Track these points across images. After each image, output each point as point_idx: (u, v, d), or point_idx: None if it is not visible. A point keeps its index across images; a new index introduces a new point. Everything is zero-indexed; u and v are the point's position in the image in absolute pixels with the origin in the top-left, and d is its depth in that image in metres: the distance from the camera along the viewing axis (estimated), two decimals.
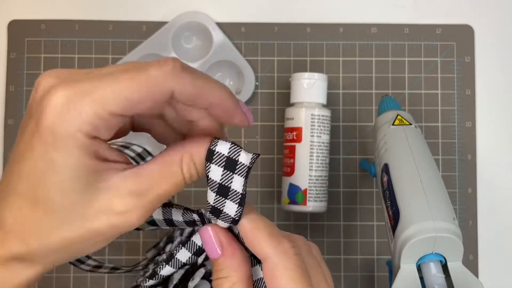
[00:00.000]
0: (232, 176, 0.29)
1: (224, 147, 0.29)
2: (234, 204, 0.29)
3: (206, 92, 0.28)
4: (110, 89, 0.26)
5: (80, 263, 0.50)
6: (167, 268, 0.32)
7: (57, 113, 0.26)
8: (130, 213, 0.27)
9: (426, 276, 0.36)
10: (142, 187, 0.28)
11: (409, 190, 0.39)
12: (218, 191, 0.29)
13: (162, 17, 0.57)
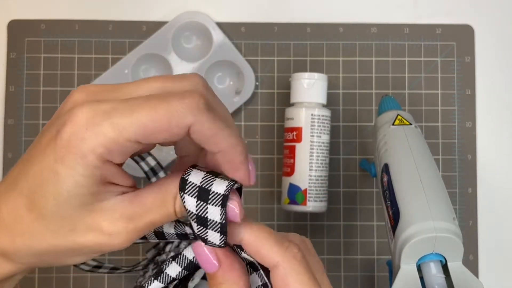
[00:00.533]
0: (206, 207, 0.28)
1: (197, 177, 0.28)
2: (216, 233, 0.29)
3: (221, 138, 0.28)
4: (130, 116, 0.26)
5: (80, 263, 0.50)
6: (155, 284, 0.32)
7: (76, 130, 0.26)
8: (117, 236, 0.28)
9: (426, 276, 0.36)
10: (134, 213, 0.28)
11: (409, 190, 0.39)
12: (197, 221, 0.29)
13: (162, 17, 0.57)
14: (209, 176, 0.28)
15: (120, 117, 0.26)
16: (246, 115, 0.56)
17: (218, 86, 0.57)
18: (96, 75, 0.56)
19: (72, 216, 0.28)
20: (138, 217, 0.28)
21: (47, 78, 0.56)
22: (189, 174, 0.29)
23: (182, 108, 0.26)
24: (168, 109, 0.26)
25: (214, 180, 0.28)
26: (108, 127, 0.26)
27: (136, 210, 0.28)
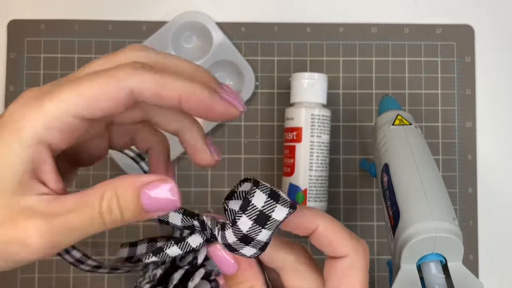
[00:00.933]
0: (260, 230, 0.28)
1: (260, 200, 0.28)
2: (253, 249, 0.29)
3: (170, 85, 0.27)
4: (69, 88, 0.26)
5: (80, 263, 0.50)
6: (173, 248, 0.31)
7: (18, 107, 0.26)
8: (32, 234, 0.25)
9: (426, 276, 0.36)
10: (53, 211, 0.26)
11: (409, 190, 0.39)
12: (241, 239, 0.29)
13: (162, 17, 0.57)
14: (270, 202, 0.28)
15: (59, 91, 0.26)
16: (246, 115, 0.56)
17: None
18: None
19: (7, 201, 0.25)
20: (55, 217, 0.25)
21: (47, 78, 0.56)
22: (253, 196, 0.28)
23: (118, 70, 0.26)
24: (104, 75, 0.26)
25: (275, 207, 0.28)
26: (48, 102, 0.25)
27: (54, 209, 0.26)
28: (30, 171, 0.26)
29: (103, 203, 0.26)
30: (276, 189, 0.29)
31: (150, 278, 0.44)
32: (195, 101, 0.27)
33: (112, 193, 0.26)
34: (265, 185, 0.29)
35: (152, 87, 0.26)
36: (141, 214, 0.26)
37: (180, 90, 0.27)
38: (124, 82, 0.26)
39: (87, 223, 0.26)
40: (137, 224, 0.55)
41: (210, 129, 0.55)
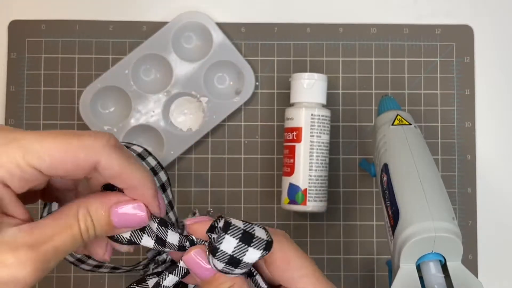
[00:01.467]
0: (233, 269, 0.29)
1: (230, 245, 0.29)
2: (241, 270, 0.30)
3: (130, 174, 0.28)
4: (40, 142, 0.26)
5: (81, 263, 0.50)
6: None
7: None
8: (23, 267, 0.26)
9: (426, 275, 0.36)
10: (37, 239, 0.26)
11: (408, 190, 0.39)
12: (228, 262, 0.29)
13: (162, 17, 0.57)
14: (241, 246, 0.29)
15: (29, 142, 0.26)
16: (246, 115, 0.57)
17: (218, 86, 0.57)
18: (97, 75, 0.56)
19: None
20: (42, 243, 0.26)
21: (47, 78, 0.56)
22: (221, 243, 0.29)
23: (92, 143, 0.27)
24: (78, 142, 0.27)
25: (246, 251, 0.29)
26: (14, 149, 0.26)
27: (37, 237, 0.27)
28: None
29: (81, 223, 0.28)
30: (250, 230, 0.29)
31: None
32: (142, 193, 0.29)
33: (86, 212, 0.28)
34: (235, 228, 0.29)
35: (115, 169, 0.28)
36: (112, 230, 0.29)
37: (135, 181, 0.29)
38: (95, 155, 0.27)
39: (71, 241, 0.27)
40: None
41: (210, 128, 0.55)
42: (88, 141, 0.27)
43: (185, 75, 0.55)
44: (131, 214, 0.29)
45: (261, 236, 0.29)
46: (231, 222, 0.29)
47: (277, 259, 0.31)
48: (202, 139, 0.56)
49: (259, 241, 0.29)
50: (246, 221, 0.30)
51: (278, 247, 0.31)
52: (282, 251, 0.31)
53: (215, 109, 0.55)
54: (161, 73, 0.56)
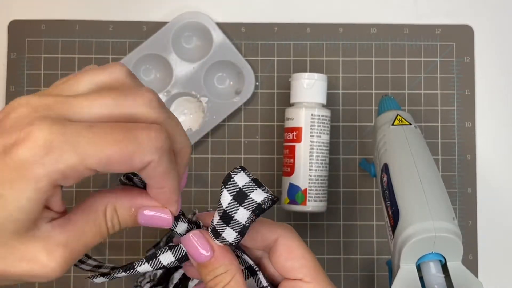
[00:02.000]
0: (238, 208, 0.30)
1: (242, 180, 0.30)
2: (234, 232, 0.30)
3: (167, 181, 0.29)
4: (95, 146, 0.25)
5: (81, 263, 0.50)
6: (145, 266, 0.32)
7: (34, 153, 0.24)
8: (54, 266, 0.27)
9: (426, 275, 0.36)
10: (68, 239, 0.28)
11: (408, 190, 0.39)
12: (222, 216, 0.30)
13: (162, 17, 0.57)
14: (252, 184, 0.30)
15: (84, 146, 0.25)
16: (246, 115, 0.57)
17: (218, 86, 0.57)
18: None
19: (6, 244, 0.26)
20: (73, 243, 0.28)
21: (47, 78, 0.56)
22: (236, 174, 0.30)
23: (148, 145, 0.26)
24: (135, 144, 0.26)
25: (255, 189, 0.30)
26: (71, 154, 0.25)
27: (70, 236, 0.28)
28: (41, 208, 0.26)
29: (108, 222, 0.29)
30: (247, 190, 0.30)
31: (150, 278, 0.44)
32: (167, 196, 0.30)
33: (113, 209, 0.29)
34: (250, 173, 0.31)
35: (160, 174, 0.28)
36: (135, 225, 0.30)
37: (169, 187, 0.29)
38: (149, 157, 0.27)
39: (99, 239, 0.29)
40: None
41: (210, 128, 0.55)
42: (144, 141, 0.26)
43: (185, 75, 0.55)
44: (157, 217, 0.30)
45: (255, 198, 0.30)
46: (232, 177, 0.30)
47: (281, 247, 0.32)
48: (202, 139, 0.56)
49: (251, 203, 0.29)
50: (253, 179, 0.30)
51: (283, 236, 0.32)
52: (287, 239, 0.32)
53: (215, 109, 0.55)
54: (161, 73, 0.56)
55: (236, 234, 0.30)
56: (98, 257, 0.53)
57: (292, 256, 0.32)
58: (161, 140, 0.27)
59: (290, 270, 0.32)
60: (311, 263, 0.32)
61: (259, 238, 0.32)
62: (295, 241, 0.33)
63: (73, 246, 0.28)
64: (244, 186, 0.30)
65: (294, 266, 0.32)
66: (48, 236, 0.27)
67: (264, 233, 0.32)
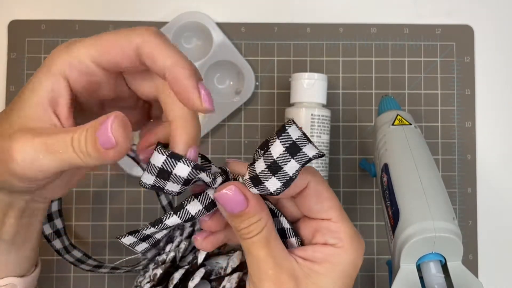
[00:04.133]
0: (289, 160, 0.29)
1: (295, 133, 0.30)
2: (278, 182, 0.30)
3: (165, 52, 0.30)
4: (90, 40, 0.32)
5: (81, 263, 0.50)
6: (173, 218, 0.32)
7: (55, 51, 0.32)
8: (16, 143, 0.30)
9: (426, 276, 0.36)
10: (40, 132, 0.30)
11: (409, 190, 0.39)
12: (270, 166, 0.30)
13: (162, 17, 0.57)
14: (304, 138, 0.30)
15: (83, 41, 0.32)
16: (246, 115, 0.56)
17: (218, 86, 0.57)
18: None
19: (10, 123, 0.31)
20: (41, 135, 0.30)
21: None
22: (290, 126, 0.30)
23: (133, 30, 0.31)
24: (122, 31, 0.31)
25: (308, 144, 0.30)
26: (73, 47, 0.32)
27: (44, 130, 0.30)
28: (50, 100, 0.31)
29: (75, 135, 0.29)
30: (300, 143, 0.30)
31: (150, 278, 0.44)
32: (175, 74, 0.30)
33: (84, 129, 0.30)
34: (301, 128, 0.31)
35: (150, 48, 0.30)
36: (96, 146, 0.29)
37: (169, 60, 0.30)
38: (135, 38, 0.30)
39: (60, 147, 0.29)
40: (138, 224, 0.55)
41: (210, 128, 0.55)
42: (131, 29, 0.31)
43: None
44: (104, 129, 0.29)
45: (308, 153, 0.30)
46: (286, 129, 0.30)
47: (312, 191, 0.33)
48: (202, 139, 0.56)
49: (303, 156, 0.30)
50: (304, 133, 0.30)
51: (312, 181, 0.33)
52: (315, 183, 0.33)
53: (215, 109, 0.55)
54: None
55: (281, 184, 0.30)
56: (98, 257, 0.53)
57: (321, 199, 0.33)
58: (146, 27, 0.31)
59: (318, 211, 0.34)
60: (337, 205, 0.34)
61: (292, 186, 0.32)
62: (323, 184, 0.34)
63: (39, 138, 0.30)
64: (297, 139, 0.30)
65: (323, 208, 0.33)
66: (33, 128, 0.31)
67: (296, 182, 0.32)
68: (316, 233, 0.34)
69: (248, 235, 0.32)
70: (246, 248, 0.33)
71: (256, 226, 0.32)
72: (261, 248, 0.32)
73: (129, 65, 0.31)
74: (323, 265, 0.33)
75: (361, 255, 0.34)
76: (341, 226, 0.33)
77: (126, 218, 0.55)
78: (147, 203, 0.55)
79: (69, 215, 0.55)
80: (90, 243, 0.55)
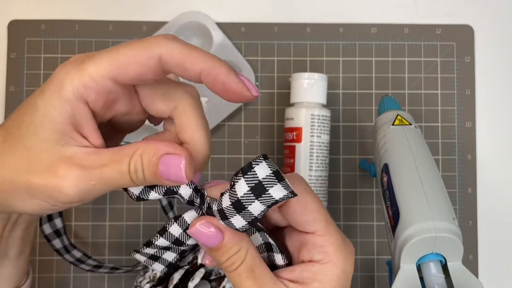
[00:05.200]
0: (253, 201, 0.29)
1: (263, 171, 0.29)
2: (243, 221, 0.29)
3: (195, 57, 0.29)
4: (106, 53, 0.29)
5: (80, 263, 0.50)
6: (161, 240, 0.32)
7: (64, 67, 0.29)
8: (68, 181, 0.28)
9: (426, 276, 0.36)
10: (89, 163, 0.29)
11: (409, 190, 0.39)
12: (234, 204, 0.29)
13: (162, 17, 0.57)
14: (273, 178, 0.29)
15: (99, 56, 0.29)
16: (246, 115, 0.56)
17: None
18: None
19: (35, 153, 0.28)
20: (92, 168, 0.29)
21: (47, 78, 0.56)
22: (257, 164, 0.29)
23: (151, 39, 0.29)
24: (139, 43, 0.29)
25: (275, 184, 0.29)
26: (87, 64, 0.29)
27: (92, 161, 0.29)
28: (71, 125, 0.29)
29: (131, 163, 0.29)
30: (267, 184, 0.29)
31: (150, 278, 0.44)
32: (214, 75, 0.29)
33: (139, 156, 0.29)
34: (273, 164, 0.29)
35: (179, 56, 0.29)
36: (157, 178, 0.29)
37: (202, 64, 0.29)
38: (155, 49, 0.28)
39: (117, 178, 0.29)
40: (137, 224, 0.55)
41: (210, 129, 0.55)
42: (148, 39, 0.29)
43: None
44: (175, 167, 0.29)
45: (274, 195, 0.29)
46: (253, 168, 0.29)
47: (295, 203, 0.32)
48: None
49: (269, 198, 0.29)
50: (275, 171, 0.29)
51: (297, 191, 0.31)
52: (300, 195, 0.32)
53: (215, 109, 0.55)
54: None
55: (246, 223, 0.29)
56: (98, 257, 0.53)
57: (306, 211, 0.32)
58: (164, 35, 0.29)
59: (304, 224, 0.32)
60: (323, 216, 0.32)
61: None
62: (308, 195, 0.32)
63: (90, 171, 0.28)
64: (264, 179, 0.28)
65: (308, 220, 0.32)
66: (72, 156, 0.28)
67: None
68: (302, 247, 0.33)
69: (231, 268, 0.31)
70: (232, 281, 0.32)
71: (237, 257, 0.31)
72: (247, 280, 0.31)
73: (152, 77, 0.30)
74: (313, 285, 0.32)
75: (351, 262, 0.33)
76: (327, 239, 0.32)
77: (126, 218, 0.55)
78: (147, 203, 0.55)
79: (69, 215, 0.55)
80: (90, 243, 0.55)
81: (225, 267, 0.31)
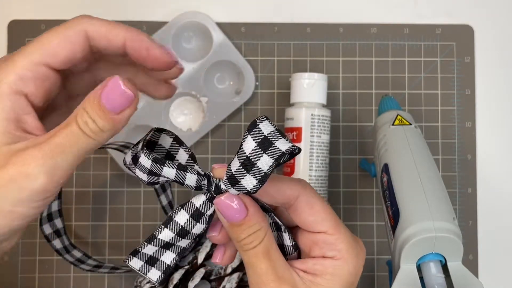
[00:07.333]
0: (261, 155, 0.29)
1: (267, 128, 0.29)
2: (253, 179, 0.30)
3: (117, 28, 0.31)
4: (33, 43, 0.30)
5: (80, 263, 0.50)
6: (165, 232, 0.32)
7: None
8: (30, 165, 0.28)
9: (426, 276, 0.36)
10: (41, 140, 0.29)
11: (409, 190, 0.39)
12: (243, 163, 0.29)
13: (162, 17, 0.57)
14: (276, 133, 0.30)
15: (25, 47, 0.30)
16: (246, 115, 0.56)
17: (218, 86, 0.57)
18: None
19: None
20: (46, 143, 0.29)
21: None
22: (261, 122, 0.30)
23: (73, 20, 0.31)
24: (63, 25, 0.31)
25: (280, 138, 0.29)
26: (17, 57, 0.30)
27: (43, 138, 0.29)
28: (14, 121, 0.29)
29: (78, 119, 0.29)
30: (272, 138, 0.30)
31: None
32: (139, 42, 0.31)
33: (81, 108, 0.29)
34: (273, 123, 0.30)
35: (102, 29, 0.31)
36: (108, 117, 0.29)
37: (125, 32, 0.31)
38: (80, 26, 0.31)
39: (72, 139, 0.29)
40: (137, 224, 0.55)
41: (210, 128, 0.55)
42: (69, 21, 0.31)
43: (185, 75, 0.55)
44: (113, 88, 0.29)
45: (280, 147, 0.29)
46: (258, 125, 0.29)
47: (303, 204, 0.33)
48: (202, 139, 0.56)
49: (275, 151, 0.29)
50: (277, 128, 0.30)
51: (303, 193, 0.33)
52: (307, 195, 0.33)
53: (215, 109, 0.55)
54: None
55: (256, 181, 0.30)
56: (98, 257, 0.53)
57: (314, 211, 0.33)
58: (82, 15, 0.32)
59: (313, 224, 0.33)
60: (331, 215, 0.33)
61: (280, 196, 0.32)
62: (314, 196, 0.33)
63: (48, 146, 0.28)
64: (269, 134, 0.29)
65: (316, 220, 0.33)
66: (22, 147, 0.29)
67: (285, 191, 0.32)
68: (313, 246, 0.33)
69: (249, 246, 0.31)
70: (247, 260, 0.32)
71: (257, 236, 0.31)
72: (263, 260, 0.31)
73: (81, 56, 0.31)
74: (324, 277, 0.32)
75: (362, 261, 0.33)
76: (338, 237, 0.33)
77: (126, 218, 0.55)
78: (147, 203, 0.55)
79: (69, 215, 0.55)
80: (90, 243, 0.55)
81: (243, 244, 0.32)
